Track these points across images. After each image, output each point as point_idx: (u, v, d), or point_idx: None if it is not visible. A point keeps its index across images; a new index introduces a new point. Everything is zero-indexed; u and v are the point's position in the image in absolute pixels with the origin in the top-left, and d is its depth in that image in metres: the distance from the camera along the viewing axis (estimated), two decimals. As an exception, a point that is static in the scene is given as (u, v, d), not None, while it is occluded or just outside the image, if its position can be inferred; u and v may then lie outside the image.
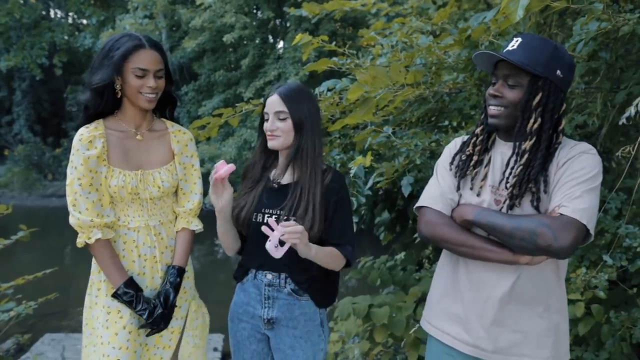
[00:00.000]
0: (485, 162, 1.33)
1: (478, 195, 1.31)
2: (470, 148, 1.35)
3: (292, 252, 1.45)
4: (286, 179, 1.58)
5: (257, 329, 1.59)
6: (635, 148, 1.48)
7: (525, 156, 1.25)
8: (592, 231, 1.20)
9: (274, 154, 1.61)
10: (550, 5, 1.52)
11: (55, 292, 2.98)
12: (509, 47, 1.27)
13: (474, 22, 1.95)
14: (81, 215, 1.49)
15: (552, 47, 1.25)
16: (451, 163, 1.38)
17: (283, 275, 1.54)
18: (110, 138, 1.55)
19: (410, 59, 2.07)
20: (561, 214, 1.18)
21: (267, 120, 1.56)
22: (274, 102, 1.54)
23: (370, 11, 2.92)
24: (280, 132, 1.53)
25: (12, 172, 14.09)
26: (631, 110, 1.41)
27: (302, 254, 1.41)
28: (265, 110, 1.56)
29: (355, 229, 2.06)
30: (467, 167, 1.34)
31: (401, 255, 3.07)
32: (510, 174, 1.27)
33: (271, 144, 1.55)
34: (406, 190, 2.08)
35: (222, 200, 1.53)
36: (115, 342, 1.50)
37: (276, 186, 1.57)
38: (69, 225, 1.52)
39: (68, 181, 1.51)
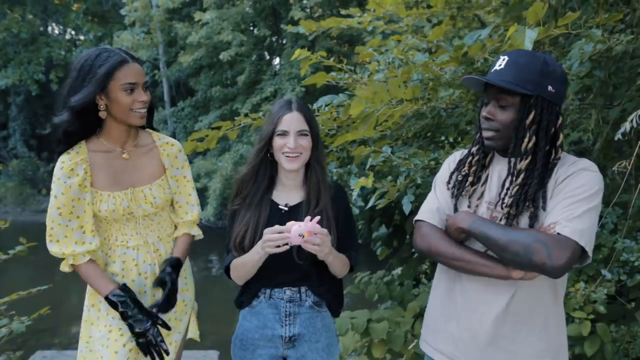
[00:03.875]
0: (482, 179, 1.30)
1: (474, 212, 1.29)
2: (466, 168, 1.33)
3: (311, 263, 1.46)
4: (294, 199, 1.53)
5: (275, 353, 1.53)
6: (631, 163, 1.49)
7: (522, 176, 1.22)
8: (590, 252, 1.16)
9: (272, 173, 1.54)
10: (551, 33, 1.54)
11: (48, 308, 2.93)
12: (496, 67, 1.23)
13: (469, 40, 1.98)
14: (57, 245, 1.46)
15: (541, 62, 1.20)
16: (448, 182, 1.36)
17: (303, 289, 1.52)
18: (94, 160, 1.48)
19: (407, 75, 2.10)
20: (558, 233, 1.14)
21: (283, 137, 1.45)
22: (296, 120, 1.45)
23: (367, 29, 2.97)
24: (302, 149, 1.46)
25: (5, 187, 13.99)
26: (626, 126, 1.43)
27: (321, 257, 1.41)
28: (283, 128, 1.45)
29: None
30: (463, 187, 1.32)
31: (398, 270, 3.06)
32: (506, 194, 1.24)
33: (292, 165, 1.46)
34: (407, 209, 2.09)
35: (284, 248, 1.38)
36: None
37: (286, 209, 1.51)
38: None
39: (48, 209, 1.47)
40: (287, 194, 1.54)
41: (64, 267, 1.49)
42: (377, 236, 2.88)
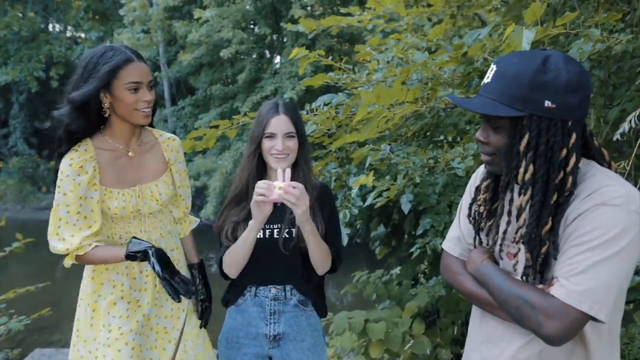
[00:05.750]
0: (498, 211, 1.13)
1: (490, 251, 1.17)
2: (481, 195, 1.18)
3: (295, 262, 1.48)
4: None
5: (260, 351, 1.54)
6: (630, 164, 1.49)
7: (523, 216, 1.02)
8: (601, 317, 0.94)
9: (261, 171, 1.58)
10: (549, 32, 1.53)
11: (46, 306, 2.94)
12: (485, 79, 1.04)
13: (468, 39, 1.97)
14: (63, 243, 1.43)
15: (534, 70, 0.96)
16: (469, 215, 1.22)
17: (288, 287, 1.53)
18: (101, 158, 1.49)
19: (406, 75, 2.09)
20: (552, 295, 0.96)
21: (272, 139, 1.51)
22: (283, 123, 1.51)
23: (367, 27, 2.97)
24: (289, 151, 1.51)
25: (6, 184, 13.99)
26: (625, 126, 1.42)
27: (300, 221, 1.40)
28: (271, 130, 1.51)
29: (348, 242, 2.08)
30: (481, 220, 1.18)
31: (397, 270, 3.06)
32: (504, 237, 1.09)
33: (280, 165, 1.51)
34: (406, 208, 2.08)
35: (266, 210, 1.42)
36: (119, 358, 1.46)
37: None
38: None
39: (54, 206, 1.44)
40: None
41: (68, 262, 1.47)
42: (376, 235, 2.88)
